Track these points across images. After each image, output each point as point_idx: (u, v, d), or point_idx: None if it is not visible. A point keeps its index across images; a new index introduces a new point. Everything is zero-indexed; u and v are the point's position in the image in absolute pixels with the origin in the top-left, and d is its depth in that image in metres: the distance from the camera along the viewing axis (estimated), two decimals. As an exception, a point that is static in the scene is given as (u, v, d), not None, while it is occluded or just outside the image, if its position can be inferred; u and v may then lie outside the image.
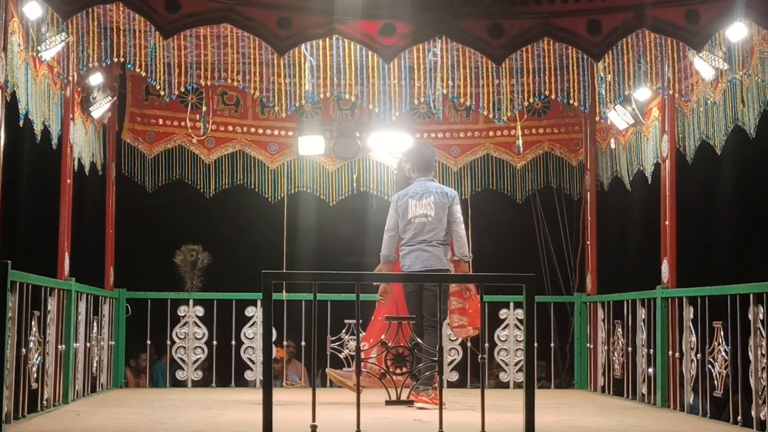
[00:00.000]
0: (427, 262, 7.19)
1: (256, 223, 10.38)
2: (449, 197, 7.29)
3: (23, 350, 6.07)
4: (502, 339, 9.19)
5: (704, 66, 7.12)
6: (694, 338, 6.90)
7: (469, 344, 9.05)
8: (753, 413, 5.95)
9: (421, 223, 7.23)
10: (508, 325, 9.19)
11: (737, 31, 6.67)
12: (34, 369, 6.44)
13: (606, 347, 8.71)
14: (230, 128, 9.52)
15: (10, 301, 5.58)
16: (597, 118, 9.09)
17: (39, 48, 6.69)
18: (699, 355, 6.79)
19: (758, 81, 6.73)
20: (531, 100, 8.27)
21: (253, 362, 9.03)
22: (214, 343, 9.03)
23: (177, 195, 9.78)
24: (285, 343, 9.29)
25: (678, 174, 7.76)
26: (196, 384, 9.01)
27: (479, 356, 5.12)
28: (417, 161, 7.43)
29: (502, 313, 9.21)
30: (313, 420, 4.75)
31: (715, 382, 6.54)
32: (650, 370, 7.67)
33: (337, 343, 8.78)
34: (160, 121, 9.39)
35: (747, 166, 9.17)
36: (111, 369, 8.75)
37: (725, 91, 7.14)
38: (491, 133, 9.69)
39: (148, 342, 8.99)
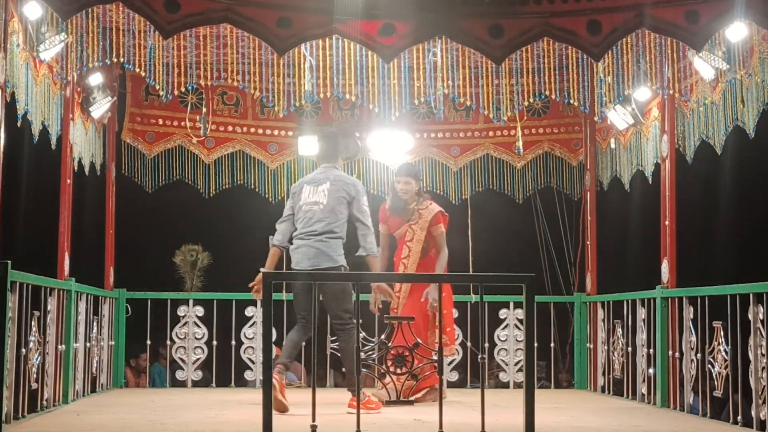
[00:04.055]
0: (315, 260, 6.71)
1: (256, 223, 10.36)
2: (350, 186, 6.84)
3: (23, 350, 6.07)
4: (502, 339, 9.19)
5: (704, 66, 7.12)
6: (694, 338, 6.90)
7: (468, 344, 9.05)
8: (753, 413, 5.95)
9: (311, 212, 6.81)
10: (508, 325, 9.19)
11: (737, 31, 6.67)
12: (34, 369, 6.44)
13: (606, 347, 8.71)
14: (230, 128, 9.53)
15: (10, 301, 5.58)
16: (597, 118, 9.09)
17: (39, 48, 6.69)
18: (699, 355, 6.79)
19: (758, 81, 6.74)
20: (531, 100, 8.28)
21: (253, 362, 9.03)
22: (214, 343, 9.02)
23: (177, 195, 9.78)
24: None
25: (678, 174, 7.77)
26: (196, 384, 9.00)
27: (479, 356, 5.12)
28: (326, 146, 7.07)
29: (502, 313, 9.20)
30: (313, 420, 4.75)
31: (715, 382, 6.53)
32: (651, 370, 7.67)
33: (337, 343, 8.77)
34: (160, 121, 9.39)
35: (747, 166, 9.17)
36: (111, 369, 8.75)
37: (725, 91, 7.14)
38: (491, 133, 9.70)
39: (148, 342, 8.99)
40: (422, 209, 7.63)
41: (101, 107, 8.34)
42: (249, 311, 9.05)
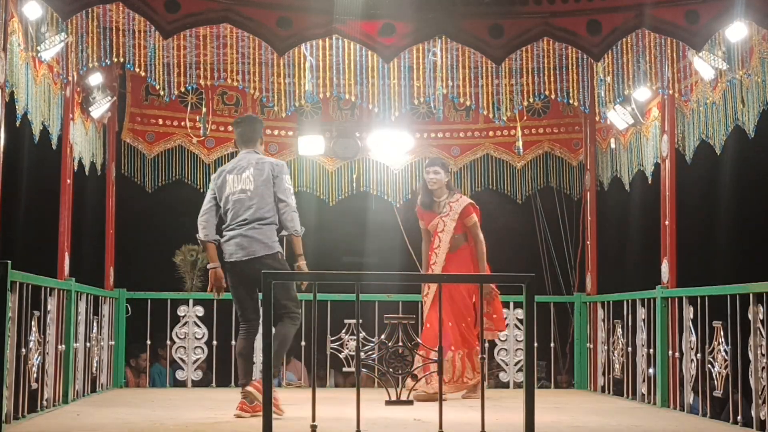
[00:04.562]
0: (250, 249, 6.41)
1: (256, 223, 10.35)
2: (273, 166, 6.52)
3: (23, 350, 6.07)
4: (502, 339, 9.17)
5: (704, 66, 7.12)
6: (694, 338, 6.90)
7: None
8: (753, 413, 5.95)
9: (240, 200, 6.49)
10: (508, 325, 9.18)
11: (737, 30, 6.68)
12: (34, 369, 6.44)
13: (606, 347, 8.71)
14: (230, 128, 9.51)
15: (10, 301, 5.58)
16: (597, 118, 9.09)
17: (39, 48, 6.69)
18: (699, 355, 6.79)
19: (758, 81, 6.74)
20: (531, 100, 8.28)
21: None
22: (214, 343, 9.02)
23: (177, 195, 9.77)
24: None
25: (678, 174, 7.77)
26: (196, 384, 9.00)
27: (479, 356, 5.12)
28: (244, 131, 6.72)
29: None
30: (313, 420, 4.75)
31: (715, 382, 6.53)
32: (650, 370, 7.67)
33: (337, 344, 8.78)
34: (160, 121, 9.39)
35: (746, 165, 9.17)
36: (111, 369, 8.74)
37: (725, 91, 7.14)
38: (491, 133, 9.70)
39: (148, 342, 8.99)
40: (453, 202, 7.94)
41: (101, 107, 8.34)
42: (249, 311, 9.04)
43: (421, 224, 8.12)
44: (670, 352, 7.37)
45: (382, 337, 4.97)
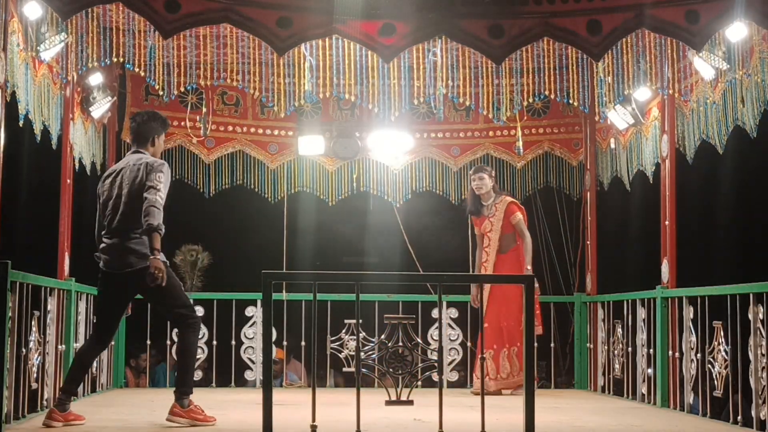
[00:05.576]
0: (126, 260, 5.99)
1: (256, 223, 10.37)
2: (147, 166, 5.99)
3: (23, 350, 6.07)
4: (502, 339, 9.17)
5: (704, 66, 7.13)
6: (694, 338, 6.90)
7: (469, 344, 9.05)
8: (753, 413, 5.95)
9: (114, 206, 6.08)
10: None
11: (737, 30, 6.67)
12: (34, 369, 6.44)
13: (606, 347, 8.71)
14: (230, 128, 9.52)
15: (10, 301, 5.58)
16: (597, 118, 9.09)
17: (39, 48, 6.69)
18: (699, 355, 6.80)
19: (758, 81, 6.73)
20: (531, 100, 8.28)
21: (253, 362, 9.03)
22: (214, 343, 9.02)
23: (177, 195, 9.74)
24: (284, 343, 9.28)
25: (678, 174, 7.77)
26: (196, 384, 8.97)
27: (479, 356, 5.12)
28: (138, 127, 6.29)
29: (502, 313, 9.19)
30: (313, 420, 4.75)
31: (715, 382, 6.54)
32: (650, 370, 7.67)
33: (337, 344, 8.78)
34: (160, 121, 9.38)
35: (747, 165, 9.17)
36: (111, 369, 8.74)
37: (725, 91, 7.14)
38: (491, 133, 9.70)
39: (148, 342, 8.99)
40: (498, 203, 8.52)
41: (101, 107, 8.34)
42: (249, 311, 9.06)
43: (476, 230, 8.69)
44: (670, 352, 7.37)
45: (382, 337, 4.97)
